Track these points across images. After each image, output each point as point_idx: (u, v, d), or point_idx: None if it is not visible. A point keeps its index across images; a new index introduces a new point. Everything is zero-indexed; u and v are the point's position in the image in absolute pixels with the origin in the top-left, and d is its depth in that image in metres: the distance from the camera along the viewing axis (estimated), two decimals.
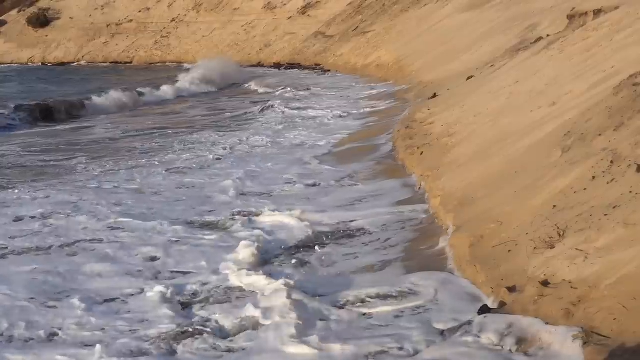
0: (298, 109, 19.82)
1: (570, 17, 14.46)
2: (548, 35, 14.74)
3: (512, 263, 5.39)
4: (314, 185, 10.07)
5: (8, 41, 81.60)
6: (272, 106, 20.51)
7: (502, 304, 5.01)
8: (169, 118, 20.77)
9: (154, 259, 7.15)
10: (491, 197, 6.93)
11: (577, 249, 4.98)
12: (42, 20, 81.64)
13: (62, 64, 72.69)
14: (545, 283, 4.87)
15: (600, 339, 4.13)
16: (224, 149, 13.66)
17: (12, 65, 71.56)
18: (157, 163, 12.48)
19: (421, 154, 10.10)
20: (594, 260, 4.79)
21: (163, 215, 8.66)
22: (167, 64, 65.35)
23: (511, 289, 5.05)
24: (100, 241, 7.76)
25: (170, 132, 16.71)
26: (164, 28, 76.12)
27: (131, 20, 79.26)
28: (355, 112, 18.39)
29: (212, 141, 14.79)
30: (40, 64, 73.22)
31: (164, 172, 11.57)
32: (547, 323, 4.51)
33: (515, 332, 4.59)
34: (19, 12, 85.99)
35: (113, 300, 6.10)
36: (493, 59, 16.66)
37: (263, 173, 11.18)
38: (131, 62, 71.02)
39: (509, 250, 5.58)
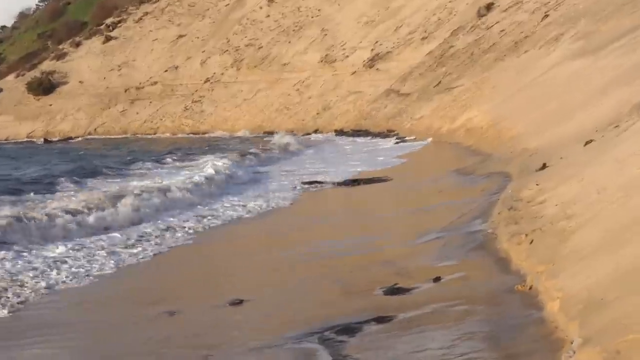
0: None
1: None
2: None
3: None
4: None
5: (3, 113, 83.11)
6: None
7: None
8: None
9: None
10: (628, 299, 6.77)
11: None
12: (45, 86, 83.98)
13: (69, 138, 74.59)
14: None
15: None
16: None
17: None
18: None
19: (531, 242, 9.99)
20: None
21: None
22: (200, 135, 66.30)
23: None
24: None
25: None
26: (196, 91, 77.67)
27: (155, 83, 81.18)
28: None
29: None
30: (42, 140, 74.71)
31: None
32: None
33: None
34: (17, 76, 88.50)
35: None
36: (618, 118, 16.54)
37: None
38: (155, 134, 72.41)
39: None
